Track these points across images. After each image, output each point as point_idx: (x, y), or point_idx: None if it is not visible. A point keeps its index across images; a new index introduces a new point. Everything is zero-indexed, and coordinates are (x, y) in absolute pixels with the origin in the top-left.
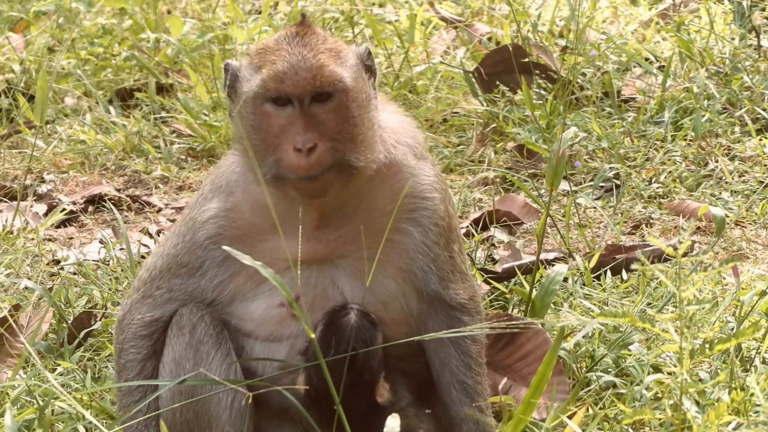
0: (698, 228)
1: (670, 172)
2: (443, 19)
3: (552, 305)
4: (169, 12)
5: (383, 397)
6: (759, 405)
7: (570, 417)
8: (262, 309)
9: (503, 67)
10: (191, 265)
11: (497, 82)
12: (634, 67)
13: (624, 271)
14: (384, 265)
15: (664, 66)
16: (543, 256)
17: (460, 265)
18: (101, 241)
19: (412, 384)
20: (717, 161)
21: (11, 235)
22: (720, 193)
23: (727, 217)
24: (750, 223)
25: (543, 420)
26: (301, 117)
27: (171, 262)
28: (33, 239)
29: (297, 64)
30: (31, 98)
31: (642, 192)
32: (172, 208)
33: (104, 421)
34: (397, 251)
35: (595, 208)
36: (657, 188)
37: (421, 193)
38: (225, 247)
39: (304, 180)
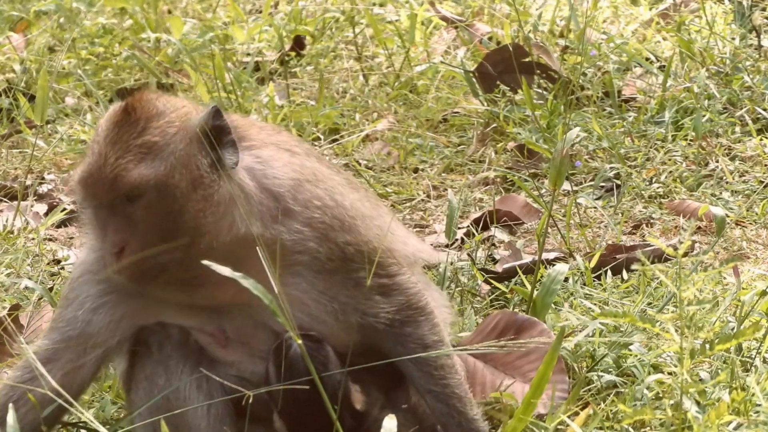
0: (699, 228)
1: (670, 171)
2: (444, 18)
3: (552, 305)
4: (169, 12)
5: (360, 402)
6: (759, 405)
7: (571, 416)
8: (198, 336)
9: (504, 67)
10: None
11: (498, 82)
12: (635, 67)
13: (624, 271)
14: (294, 306)
15: (664, 66)
16: (543, 255)
17: (376, 284)
18: None
19: (380, 380)
20: (717, 161)
21: (12, 235)
22: (720, 192)
23: (728, 216)
24: (750, 223)
25: (542, 418)
26: (110, 218)
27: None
28: (33, 239)
29: (95, 172)
30: (31, 98)
31: (642, 192)
32: None
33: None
34: (291, 300)
35: (595, 207)
36: (657, 188)
37: (290, 250)
38: (205, 261)
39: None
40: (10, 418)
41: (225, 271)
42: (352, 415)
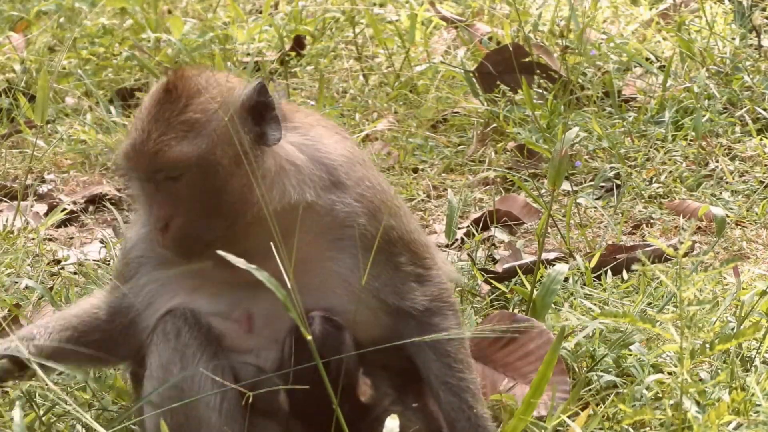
0: (699, 228)
1: (670, 171)
2: (444, 18)
3: (552, 305)
4: (169, 12)
5: (366, 395)
6: (759, 405)
7: (571, 416)
8: (220, 324)
9: (504, 67)
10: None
11: (498, 82)
12: (635, 66)
13: (624, 271)
14: (326, 286)
15: (664, 66)
16: (543, 255)
17: (414, 272)
18: (102, 241)
19: (393, 377)
20: (717, 161)
21: (12, 235)
22: (720, 193)
23: (728, 217)
24: (750, 223)
25: (542, 418)
26: (156, 194)
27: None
28: (33, 239)
29: (138, 145)
30: (31, 98)
31: (642, 192)
32: None
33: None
34: (333, 276)
35: (595, 207)
36: (657, 188)
37: (341, 223)
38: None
39: (167, 251)
40: (17, 416)
41: (240, 262)
42: (354, 405)
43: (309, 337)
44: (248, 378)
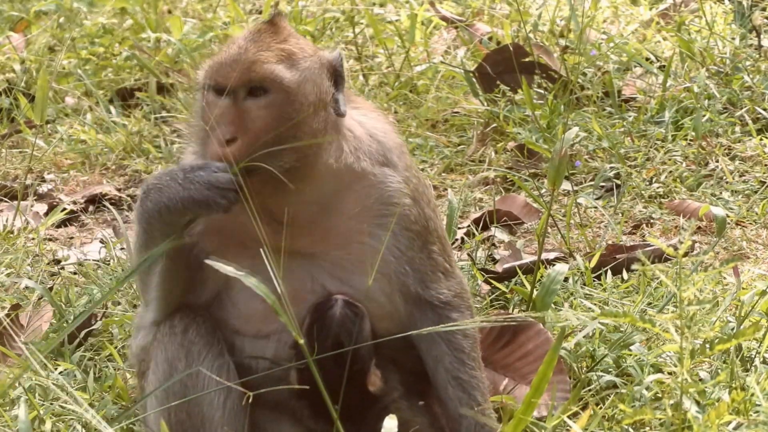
0: (699, 228)
1: (670, 171)
2: (444, 18)
3: (552, 305)
4: (169, 12)
5: (375, 386)
6: (759, 405)
7: (571, 417)
8: (246, 304)
9: (504, 67)
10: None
11: (498, 82)
12: (635, 66)
13: (624, 271)
14: (359, 265)
15: (664, 66)
16: (543, 255)
17: (443, 264)
18: (102, 241)
19: (403, 374)
20: (717, 161)
21: (12, 235)
22: (720, 192)
23: (728, 217)
24: (751, 223)
25: (543, 419)
26: (232, 108)
27: None
28: (33, 239)
29: (235, 56)
30: (31, 98)
31: (642, 192)
32: None
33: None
34: (369, 253)
35: (595, 207)
36: (657, 188)
37: (388, 199)
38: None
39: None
40: (22, 413)
41: (228, 270)
42: (361, 393)
43: (301, 341)
44: (261, 371)
